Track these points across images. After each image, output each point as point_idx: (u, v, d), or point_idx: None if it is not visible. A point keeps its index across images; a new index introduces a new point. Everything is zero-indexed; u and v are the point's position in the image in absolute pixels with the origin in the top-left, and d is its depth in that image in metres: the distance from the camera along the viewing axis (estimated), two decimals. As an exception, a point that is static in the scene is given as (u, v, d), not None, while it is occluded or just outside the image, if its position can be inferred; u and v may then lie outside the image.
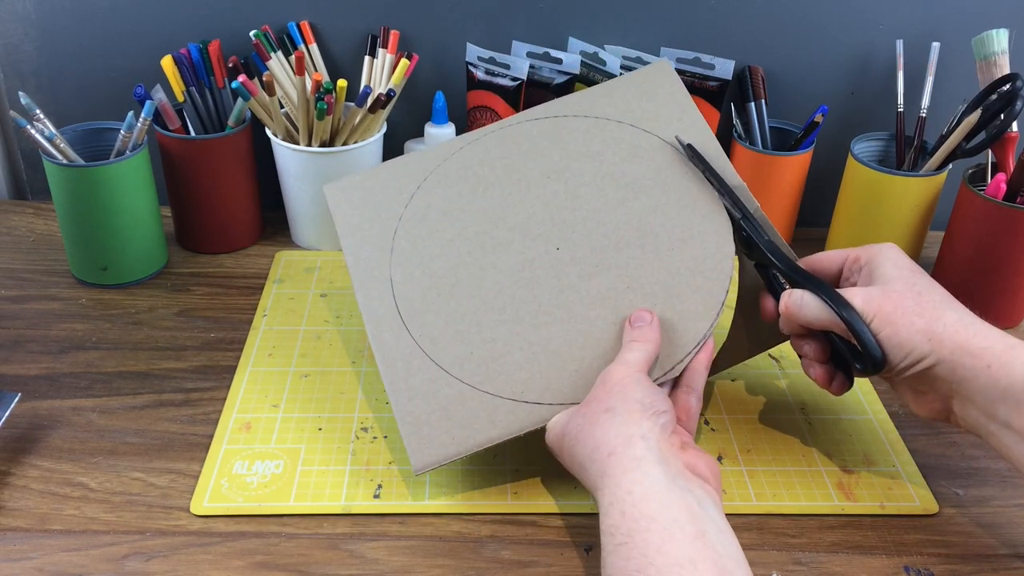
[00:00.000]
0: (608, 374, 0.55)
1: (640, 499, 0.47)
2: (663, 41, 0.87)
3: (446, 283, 0.63)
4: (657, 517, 0.46)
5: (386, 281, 0.64)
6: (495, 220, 0.65)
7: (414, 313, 0.62)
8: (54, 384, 0.68)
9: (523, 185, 0.66)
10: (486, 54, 0.86)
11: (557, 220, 0.64)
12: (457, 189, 0.67)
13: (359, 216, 0.67)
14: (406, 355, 0.61)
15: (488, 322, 0.61)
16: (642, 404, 0.52)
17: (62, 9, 0.85)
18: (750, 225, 0.61)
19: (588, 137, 0.67)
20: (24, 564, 0.54)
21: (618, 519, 0.47)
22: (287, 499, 0.59)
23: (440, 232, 0.65)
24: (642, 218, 0.63)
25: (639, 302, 0.60)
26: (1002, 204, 0.75)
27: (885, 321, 0.53)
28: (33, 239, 0.88)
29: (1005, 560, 0.57)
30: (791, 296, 0.57)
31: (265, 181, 0.88)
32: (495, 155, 0.68)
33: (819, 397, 0.70)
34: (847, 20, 0.86)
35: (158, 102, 0.80)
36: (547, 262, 0.63)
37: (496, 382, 0.59)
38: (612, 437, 0.51)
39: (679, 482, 0.48)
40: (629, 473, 0.49)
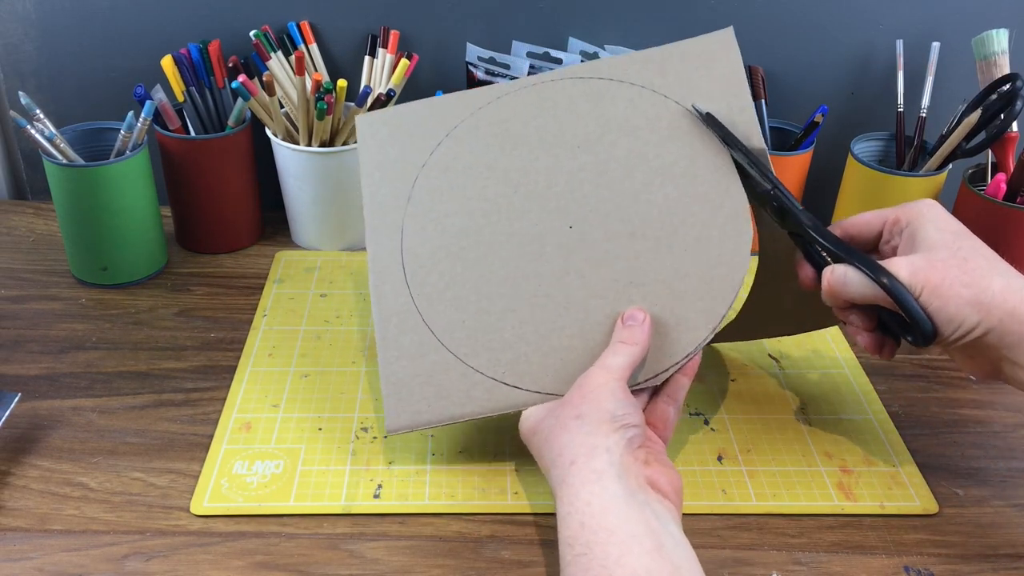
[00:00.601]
0: (586, 378, 0.55)
1: (599, 511, 0.47)
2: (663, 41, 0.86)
3: (455, 244, 0.62)
4: (616, 530, 0.46)
5: (397, 231, 0.63)
6: (516, 184, 0.63)
7: (418, 270, 0.62)
8: (54, 384, 0.68)
9: (552, 151, 0.63)
10: (486, 54, 0.86)
11: (578, 195, 0.62)
12: (485, 143, 0.64)
13: (384, 155, 0.65)
14: (401, 312, 0.61)
15: (487, 292, 0.60)
16: (612, 416, 0.52)
17: (62, 9, 0.85)
18: (783, 195, 0.59)
19: (630, 108, 0.63)
20: (24, 564, 0.54)
21: (577, 530, 0.47)
22: (287, 499, 0.59)
23: (460, 188, 0.63)
24: (664, 209, 0.61)
25: (639, 300, 0.59)
26: (1002, 204, 0.75)
27: (933, 294, 0.52)
28: (33, 239, 0.88)
29: (1005, 560, 0.57)
30: (834, 273, 0.55)
31: (265, 181, 0.88)
32: (530, 112, 0.65)
33: (819, 397, 0.70)
34: (847, 20, 0.86)
35: (158, 102, 0.80)
36: (557, 240, 0.61)
37: (481, 357, 0.59)
38: (576, 446, 0.51)
39: (638, 496, 0.49)
40: (588, 485, 0.49)
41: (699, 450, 0.64)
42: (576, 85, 0.65)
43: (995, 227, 0.75)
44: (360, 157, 0.66)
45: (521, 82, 0.66)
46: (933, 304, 0.52)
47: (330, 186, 0.83)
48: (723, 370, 0.72)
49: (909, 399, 0.70)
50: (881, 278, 0.53)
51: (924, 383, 0.72)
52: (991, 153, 0.80)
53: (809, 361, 0.74)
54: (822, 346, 0.76)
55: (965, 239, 0.55)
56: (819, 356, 0.75)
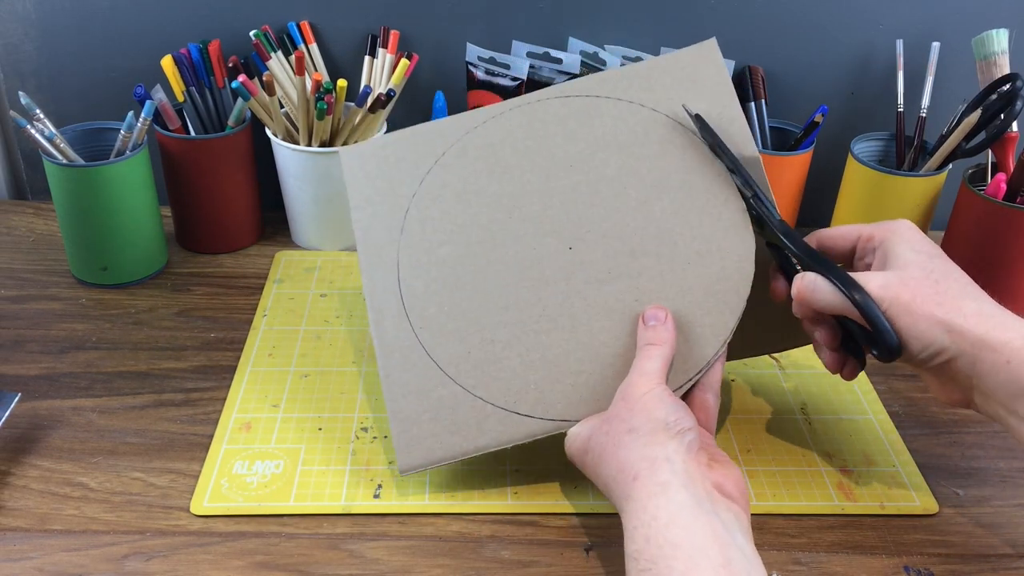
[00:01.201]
0: (629, 388, 0.54)
1: (665, 525, 0.46)
2: (663, 41, 0.87)
3: (452, 274, 0.61)
4: (682, 544, 0.45)
5: (393, 265, 0.62)
6: (510, 209, 0.62)
7: (417, 303, 0.61)
8: (54, 384, 0.68)
9: (543, 172, 0.63)
10: (486, 54, 0.86)
11: (573, 216, 0.61)
12: (474, 168, 0.63)
13: (372, 188, 0.64)
14: (404, 347, 0.60)
15: (489, 322, 0.60)
16: (666, 423, 0.51)
17: (62, 9, 0.85)
18: (761, 205, 0.59)
19: (618, 124, 0.63)
20: (24, 564, 0.54)
21: (642, 545, 0.46)
22: (287, 499, 0.59)
23: (451, 216, 0.62)
24: (662, 223, 0.60)
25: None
26: (1002, 204, 0.75)
27: (903, 310, 0.52)
28: (33, 239, 0.88)
29: (1005, 560, 0.57)
30: (804, 280, 0.55)
31: (265, 181, 0.88)
32: (519, 134, 0.64)
33: (819, 397, 0.70)
34: (847, 20, 0.86)
35: (158, 102, 0.80)
36: (557, 262, 0.60)
37: (490, 388, 0.59)
38: (636, 460, 0.50)
39: (705, 506, 0.47)
40: (654, 498, 0.48)
41: (699, 450, 0.64)
42: (564, 104, 0.64)
43: (995, 227, 0.75)
44: (348, 192, 0.64)
45: (507, 104, 0.65)
46: (902, 320, 0.52)
47: (330, 186, 0.83)
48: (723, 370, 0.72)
49: (909, 399, 0.70)
50: (850, 289, 0.53)
51: (924, 383, 0.72)
52: (991, 153, 0.80)
53: (809, 361, 0.74)
54: (822, 346, 0.76)
55: (939, 261, 0.54)
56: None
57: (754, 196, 0.59)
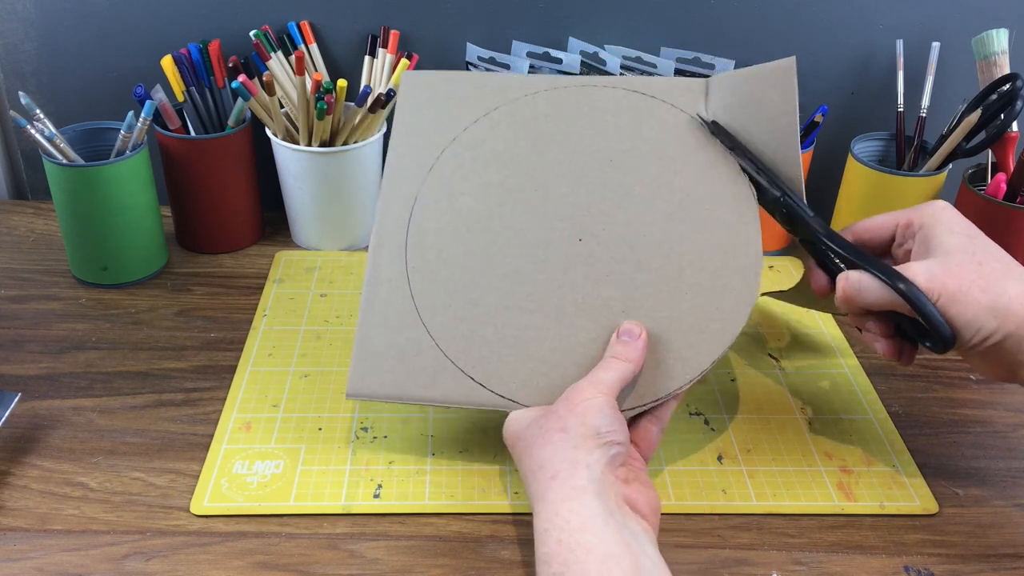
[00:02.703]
0: (575, 390, 0.54)
1: (577, 529, 0.47)
2: (663, 41, 0.87)
3: (462, 227, 0.61)
4: (594, 549, 0.46)
5: (410, 199, 0.62)
6: (537, 183, 0.62)
7: (419, 243, 0.61)
8: (54, 384, 0.68)
9: (582, 158, 0.62)
10: (486, 54, 0.86)
11: (595, 210, 0.60)
12: (518, 133, 0.63)
13: (419, 118, 0.64)
14: (392, 281, 0.60)
15: (479, 283, 0.60)
16: (597, 431, 0.51)
17: (62, 9, 0.85)
18: (794, 201, 0.58)
19: (668, 133, 0.62)
20: (24, 564, 0.54)
21: (554, 547, 0.47)
22: (287, 499, 0.59)
23: (481, 171, 0.62)
24: (676, 245, 0.59)
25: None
26: (1002, 204, 0.75)
27: (951, 300, 0.52)
28: (33, 239, 0.88)
29: (1005, 560, 0.57)
30: (848, 280, 0.55)
31: (265, 181, 0.88)
32: (571, 113, 0.63)
33: (819, 397, 0.70)
34: (847, 20, 0.86)
35: (158, 102, 0.80)
36: (563, 249, 0.60)
37: (456, 346, 0.59)
38: (558, 460, 0.50)
39: (616, 516, 0.48)
40: (568, 502, 0.48)
41: (699, 450, 0.64)
42: (625, 97, 0.64)
43: (995, 227, 0.75)
44: (396, 114, 0.65)
45: (572, 79, 0.65)
46: (952, 310, 0.52)
47: (330, 186, 0.83)
48: (723, 370, 0.72)
49: (909, 399, 0.70)
50: (898, 284, 0.52)
51: (924, 383, 0.72)
52: (991, 153, 0.80)
53: (809, 361, 0.74)
54: (822, 346, 0.76)
55: (979, 242, 0.54)
56: (819, 356, 0.75)
57: (784, 195, 0.59)
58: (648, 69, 0.85)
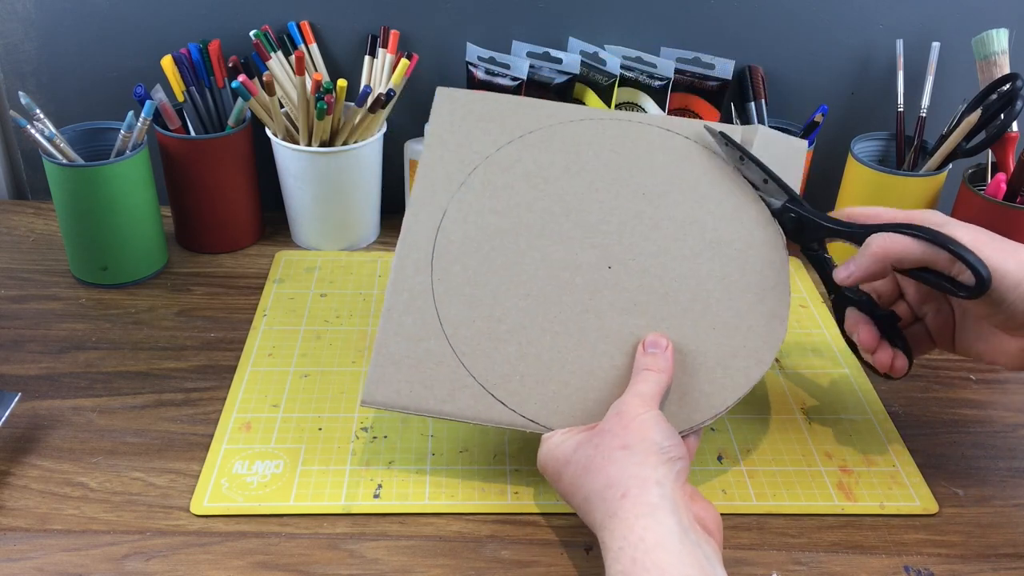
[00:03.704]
0: (624, 406, 0.53)
1: (652, 547, 0.46)
2: (663, 41, 0.87)
3: (489, 243, 0.61)
4: (669, 569, 0.45)
5: (440, 211, 0.62)
6: (569, 208, 0.62)
7: (445, 255, 0.61)
8: (54, 384, 0.68)
9: (615, 188, 0.63)
10: (486, 54, 0.86)
11: (625, 240, 0.61)
12: (554, 157, 0.64)
13: (452, 133, 0.65)
14: (416, 291, 0.60)
15: (505, 301, 0.60)
16: (660, 447, 0.50)
17: (62, 9, 0.85)
18: (800, 204, 0.59)
19: (705, 176, 0.63)
20: (24, 564, 0.54)
21: (628, 566, 0.46)
22: (287, 499, 0.59)
23: (513, 191, 0.63)
24: (705, 282, 0.60)
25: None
26: (1002, 204, 0.75)
27: (986, 246, 0.52)
28: (33, 239, 0.88)
29: (1005, 560, 0.57)
30: (881, 236, 0.55)
31: (265, 181, 0.88)
32: (608, 144, 0.64)
33: (819, 397, 0.70)
34: (847, 20, 0.86)
35: (158, 102, 0.80)
36: (592, 276, 0.60)
37: (478, 361, 0.59)
38: (627, 478, 0.49)
39: (691, 535, 0.47)
40: (642, 519, 0.47)
41: (699, 450, 0.64)
42: (662, 136, 0.65)
43: (995, 227, 0.74)
44: (429, 127, 0.66)
45: (611, 113, 0.66)
46: (991, 257, 0.52)
47: (330, 186, 0.83)
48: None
49: (909, 399, 0.70)
50: (933, 235, 0.53)
51: (924, 383, 0.72)
52: (991, 153, 0.80)
53: (809, 361, 0.74)
54: (822, 346, 0.76)
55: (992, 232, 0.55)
56: (819, 356, 0.75)
57: (791, 199, 0.60)
58: (648, 69, 0.85)
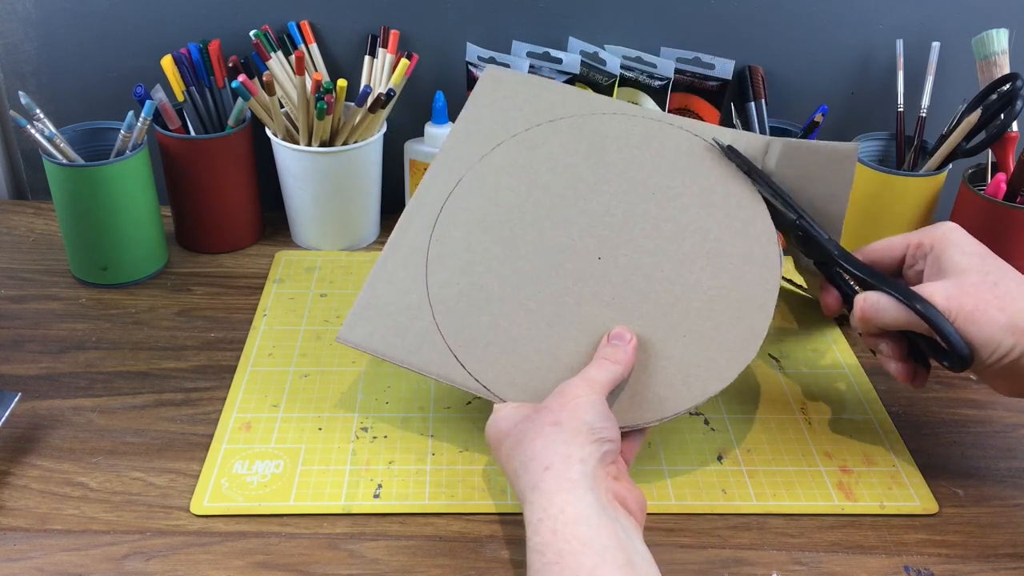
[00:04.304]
0: (567, 386, 0.54)
1: (572, 520, 0.47)
2: (663, 41, 0.87)
3: (493, 216, 0.63)
4: (589, 541, 0.46)
5: (455, 180, 0.65)
6: (579, 195, 0.63)
7: (449, 220, 0.63)
8: (54, 384, 0.68)
9: (628, 184, 0.64)
10: (486, 54, 0.86)
11: (623, 235, 0.62)
12: (578, 147, 0.65)
13: (488, 110, 0.68)
14: (413, 248, 0.63)
15: (493, 272, 0.62)
16: (591, 427, 0.51)
17: (62, 9, 0.85)
18: (809, 224, 0.59)
19: (719, 185, 0.63)
20: (24, 564, 0.54)
21: (549, 537, 0.47)
22: (287, 499, 0.59)
23: (531, 171, 0.65)
24: (689, 288, 0.60)
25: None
26: (1002, 204, 0.75)
27: (968, 319, 0.53)
28: (33, 239, 0.88)
29: (1005, 560, 0.57)
30: (867, 300, 0.56)
31: (265, 181, 0.88)
32: (634, 141, 0.65)
33: (819, 397, 0.70)
34: (847, 20, 0.86)
35: (158, 102, 0.80)
36: (581, 263, 0.61)
37: (451, 323, 0.61)
38: (551, 452, 0.50)
39: (608, 511, 0.48)
40: (562, 493, 0.48)
41: (699, 450, 0.64)
42: (689, 140, 0.65)
43: (995, 227, 0.75)
44: (471, 98, 0.69)
45: (644, 111, 0.67)
46: (969, 330, 0.53)
47: (330, 186, 0.83)
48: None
49: (909, 399, 0.70)
50: (915, 304, 0.53)
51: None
52: (991, 153, 0.80)
53: (809, 361, 0.74)
54: (822, 346, 0.76)
55: (992, 262, 0.55)
56: (819, 356, 0.75)
57: (800, 218, 0.60)
58: (648, 69, 0.85)
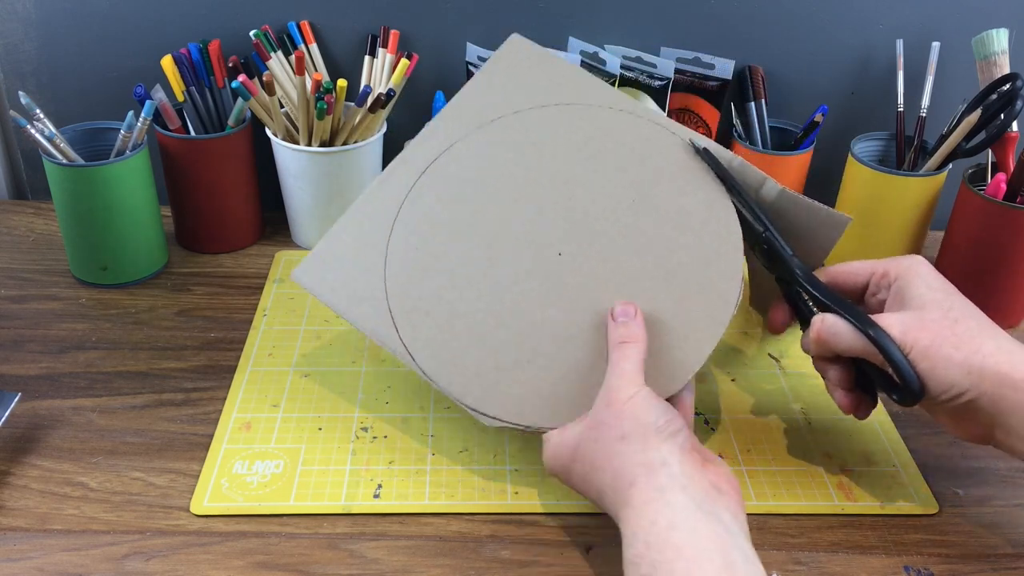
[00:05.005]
0: (612, 392, 0.52)
1: (665, 528, 0.45)
2: (663, 41, 0.87)
3: (472, 186, 0.63)
4: (683, 547, 0.44)
5: (449, 142, 0.64)
6: (566, 180, 0.62)
7: (427, 184, 0.63)
8: (54, 384, 0.68)
9: (616, 184, 0.62)
10: (486, 54, 0.86)
11: (593, 228, 0.60)
12: (579, 135, 0.64)
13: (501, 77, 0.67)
14: (385, 203, 0.63)
15: (453, 243, 0.61)
16: (656, 427, 0.50)
17: (62, 9, 0.85)
18: (775, 239, 0.58)
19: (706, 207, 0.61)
20: (24, 564, 0.54)
21: (642, 550, 0.45)
22: (287, 499, 0.59)
23: (523, 150, 0.64)
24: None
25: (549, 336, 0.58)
26: (1002, 204, 0.75)
27: (923, 354, 0.51)
28: (33, 239, 0.88)
29: (1005, 560, 0.57)
30: (824, 322, 0.55)
31: (265, 181, 0.88)
32: (636, 145, 0.63)
33: (819, 397, 0.70)
34: (847, 20, 0.86)
35: (158, 102, 0.80)
36: (539, 247, 0.60)
37: (397, 285, 0.61)
38: (632, 466, 0.49)
39: (705, 507, 0.47)
40: (652, 503, 0.47)
41: (699, 450, 0.64)
42: (690, 160, 0.63)
43: (995, 227, 0.75)
44: (489, 61, 0.68)
45: (655, 116, 0.65)
46: (922, 364, 0.52)
47: (330, 186, 0.83)
48: (723, 370, 0.72)
49: (909, 399, 0.70)
50: (871, 332, 0.52)
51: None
52: (991, 153, 0.80)
53: (809, 361, 0.74)
54: (822, 346, 0.76)
55: (955, 299, 0.54)
56: (819, 356, 0.75)
57: (766, 231, 0.59)
58: (648, 69, 0.85)
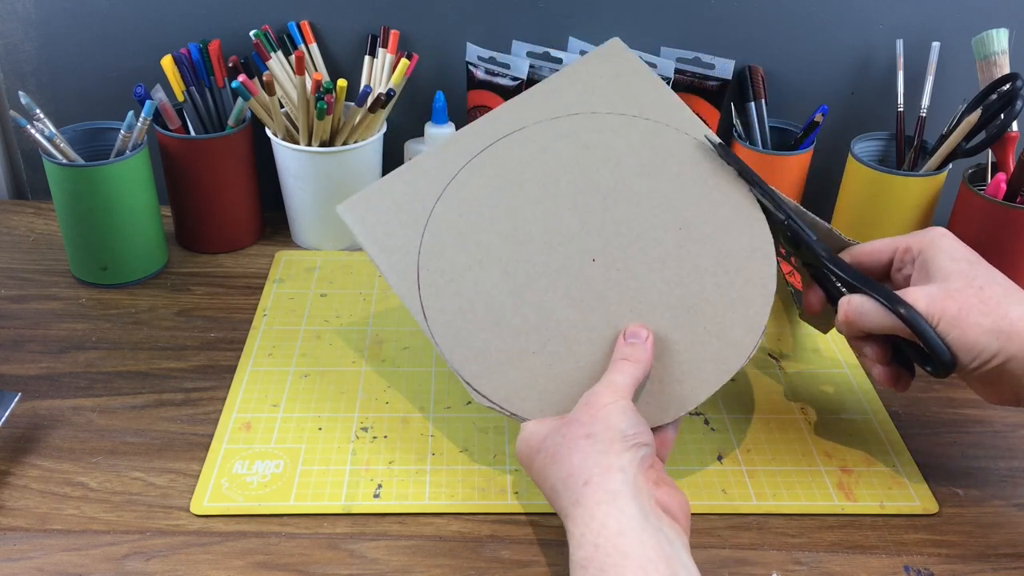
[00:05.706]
0: (593, 396, 0.54)
1: (615, 534, 0.46)
2: (663, 41, 0.87)
3: (525, 175, 0.63)
4: (631, 554, 0.45)
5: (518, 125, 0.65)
6: (609, 189, 0.62)
7: (488, 160, 0.64)
8: (54, 384, 0.68)
9: (657, 199, 0.62)
10: (486, 54, 0.86)
11: (632, 244, 0.60)
12: (625, 147, 0.64)
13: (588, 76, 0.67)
14: (442, 169, 0.64)
15: (494, 225, 0.62)
16: (624, 434, 0.51)
17: (62, 9, 0.85)
18: (798, 226, 0.59)
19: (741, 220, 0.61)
20: (24, 564, 0.54)
21: (591, 551, 0.46)
22: (287, 499, 0.59)
23: (583, 149, 0.64)
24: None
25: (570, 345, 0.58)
26: (1002, 204, 0.75)
27: (951, 324, 0.52)
28: (33, 239, 0.88)
29: (1005, 560, 0.57)
30: (851, 303, 0.56)
31: (265, 181, 0.88)
32: (681, 165, 0.63)
33: (819, 397, 0.70)
34: (847, 20, 0.86)
35: (158, 102, 0.80)
36: (577, 252, 0.60)
37: (431, 249, 0.61)
38: (590, 465, 0.50)
39: (652, 520, 0.48)
40: (604, 505, 0.48)
41: (699, 450, 0.64)
42: (698, 148, 0.63)
43: (995, 227, 0.75)
44: (585, 57, 0.69)
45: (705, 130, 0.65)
46: (951, 334, 0.52)
47: (330, 186, 0.83)
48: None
49: (909, 399, 0.70)
50: (899, 308, 0.53)
51: (924, 383, 0.72)
52: (991, 153, 0.80)
53: (809, 361, 0.74)
54: (822, 346, 0.76)
55: (980, 267, 0.55)
56: (819, 356, 0.75)
57: (788, 218, 0.59)
58: (648, 69, 0.85)
